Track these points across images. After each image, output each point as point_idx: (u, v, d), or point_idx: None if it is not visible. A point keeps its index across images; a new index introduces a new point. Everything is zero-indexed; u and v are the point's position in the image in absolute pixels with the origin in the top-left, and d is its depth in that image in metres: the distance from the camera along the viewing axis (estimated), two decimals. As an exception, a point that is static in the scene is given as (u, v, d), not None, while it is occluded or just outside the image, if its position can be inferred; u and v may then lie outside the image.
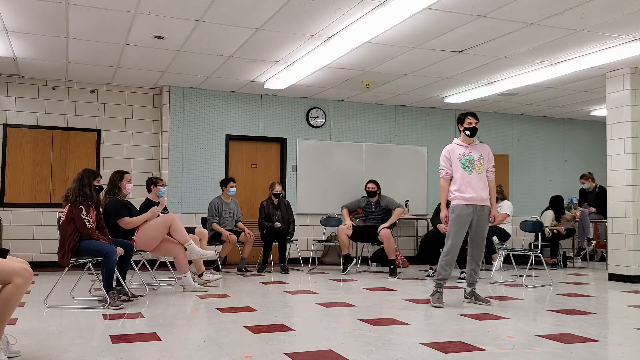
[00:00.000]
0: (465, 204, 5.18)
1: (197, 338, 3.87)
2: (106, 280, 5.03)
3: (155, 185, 6.61)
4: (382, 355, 3.39)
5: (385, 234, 7.57)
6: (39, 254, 8.12)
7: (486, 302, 5.26)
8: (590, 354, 3.49)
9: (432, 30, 5.95)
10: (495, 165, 5.47)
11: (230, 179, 7.94)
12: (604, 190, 8.47)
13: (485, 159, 5.33)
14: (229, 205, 7.89)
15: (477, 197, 5.19)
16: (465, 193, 5.18)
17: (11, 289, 3.00)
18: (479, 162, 5.27)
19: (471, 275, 5.38)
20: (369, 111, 9.83)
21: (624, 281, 7.15)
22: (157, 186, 6.60)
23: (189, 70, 7.73)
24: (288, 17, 5.63)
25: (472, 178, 5.21)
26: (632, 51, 6.47)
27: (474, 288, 5.39)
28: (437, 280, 5.29)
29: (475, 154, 5.29)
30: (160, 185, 6.62)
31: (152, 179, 6.68)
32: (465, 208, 5.18)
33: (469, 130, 5.31)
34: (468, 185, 5.19)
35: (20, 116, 8.26)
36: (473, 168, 5.24)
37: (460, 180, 5.22)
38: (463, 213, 5.17)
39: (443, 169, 5.32)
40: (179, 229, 5.91)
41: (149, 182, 6.67)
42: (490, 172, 5.36)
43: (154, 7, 5.41)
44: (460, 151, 5.30)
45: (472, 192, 5.18)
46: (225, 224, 7.78)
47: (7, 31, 6.16)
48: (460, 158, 5.27)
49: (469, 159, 5.26)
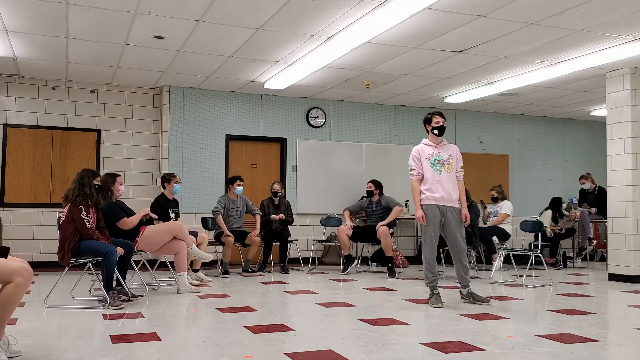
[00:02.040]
0: (435, 204, 5.20)
1: (197, 338, 3.86)
2: (106, 280, 5.03)
3: (169, 183, 6.76)
4: (382, 355, 3.39)
5: (383, 231, 7.59)
6: (39, 254, 8.12)
7: (485, 302, 5.25)
8: (590, 354, 3.49)
9: (432, 30, 5.95)
10: (498, 165, 5.47)
11: (237, 177, 7.90)
12: (603, 190, 8.48)
13: (454, 158, 5.35)
14: (236, 204, 7.86)
15: (447, 197, 5.22)
16: (435, 192, 5.20)
17: (11, 288, 3.00)
18: (448, 161, 5.30)
19: (462, 277, 5.35)
20: (369, 111, 9.83)
21: (624, 281, 7.15)
22: (171, 183, 6.76)
23: (189, 70, 7.73)
24: (288, 17, 5.63)
25: (442, 177, 5.23)
26: (632, 51, 6.47)
27: (469, 289, 5.38)
28: (428, 284, 5.31)
29: (444, 153, 5.31)
30: (174, 182, 6.76)
31: (166, 176, 6.84)
32: (436, 209, 5.20)
33: (437, 129, 5.32)
34: (438, 184, 5.21)
35: (20, 116, 8.26)
36: (443, 167, 5.26)
37: (430, 180, 5.23)
38: (435, 214, 5.20)
39: (414, 169, 5.31)
40: (184, 237, 6.01)
41: (163, 179, 6.85)
42: (459, 172, 5.39)
43: (154, 7, 5.41)
44: (429, 151, 5.31)
45: (442, 192, 5.20)
46: (232, 222, 7.78)
47: (7, 31, 6.16)
48: (429, 158, 5.28)
49: (438, 158, 5.28)
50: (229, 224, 7.72)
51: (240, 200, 7.93)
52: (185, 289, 5.94)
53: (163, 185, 6.84)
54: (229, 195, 7.88)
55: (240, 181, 7.86)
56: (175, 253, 5.98)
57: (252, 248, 7.83)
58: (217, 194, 8.42)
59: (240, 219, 7.91)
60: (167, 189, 6.77)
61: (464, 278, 5.35)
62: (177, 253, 5.96)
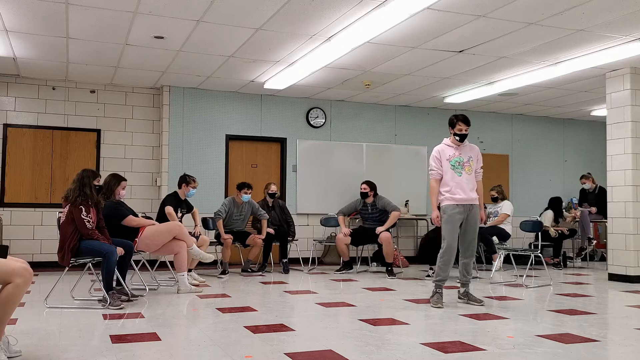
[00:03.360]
0: (455, 204, 5.20)
1: (197, 338, 3.86)
2: (106, 280, 5.03)
3: (187, 185, 6.81)
4: (382, 355, 3.39)
5: (386, 238, 7.57)
6: (39, 254, 8.12)
7: (479, 303, 5.24)
8: (590, 354, 3.49)
9: (432, 30, 5.95)
10: (498, 165, 5.47)
11: (245, 184, 7.80)
12: (603, 190, 8.48)
13: (474, 160, 5.35)
14: (241, 209, 7.85)
15: (466, 197, 5.21)
16: (455, 194, 5.20)
17: (11, 289, 3.00)
18: (468, 163, 5.29)
19: (464, 276, 5.36)
20: (369, 111, 9.82)
21: (624, 281, 7.15)
22: (189, 186, 6.81)
23: (189, 70, 7.73)
24: (288, 17, 5.63)
25: (462, 180, 5.22)
26: (632, 51, 6.47)
27: (467, 288, 5.38)
28: (435, 281, 5.29)
29: (464, 155, 5.31)
30: (192, 186, 6.82)
31: (187, 177, 6.83)
32: (456, 207, 5.19)
33: (459, 137, 5.32)
34: (458, 187, 5.20)
35: (20, 116, 8.26)
36: (463, 170, 5.25)
37: (450, 182, 5.22)
38: (454, 212, 5.18)
39: (434, 170, 5.31)
40: (184, 237, 6.02)
41: (183, 179, 6.83)
42: (478, 173, 5.38)
43: (154, 7, 5.41)
44: (450, 152, 5.30)
45: (462, 194, 5.20)
46: (233, 226, 7.80)
47: (7, 31, 6.16)
48: (450, 159, 5.27)
49: (459, 160, 5.27)
50: (229, 227, 7.74)
51: (247, 206, 7.88)
52: (185, 289, 5.94)
53: (179, 185, 6.84)
54: (235, 199, 7.86)
55: (247, 189, 7.75)
56: (175, 253, 5.98)
57: (254, 249, 7.83)
58: (217, 194, 8.44)
59: (242, 222, 7.91)
60: (182, 189, 6.81)
61: (466, 277, 5.36)
62: (177, 253, 5.96)
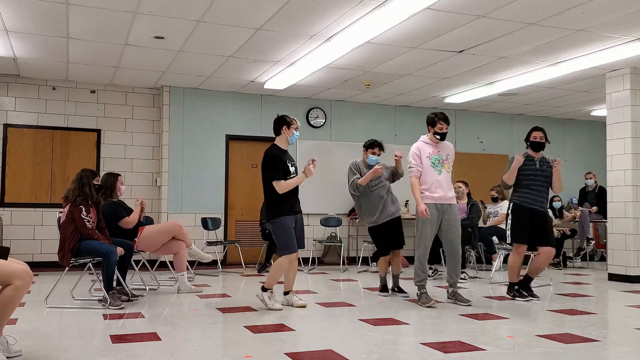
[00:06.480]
0: (434, 203, 5.19)
1: (197, 338, 3.86)
2: (106, 280, 5.03)
3: (289, 127, 5.20)
4: (382, 355, 3.39)
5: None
6: (39, 254, 8.12)
7: (466, 303, 5.22)
8: (590, 354, 3.49)
9: (432, 30, 5.95)
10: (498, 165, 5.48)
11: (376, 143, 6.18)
12: (604, 190, 8.48)
13: (451, 157, 5.37)
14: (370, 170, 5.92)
15: (444, 196, 5.22)
16: (434, 193, 5.20)
17: (11, 291, 3.00)
18: (447, 161, 5.31)
19: (451, 277, 5.35)
20: (369, 111, 9.82)
21: (624, 281, 7.15)
22: (291, 128, 5.22)
23: (189, 70, 7.72)
24: (288, 17, 5.63)
25: (441, 178, 5.23)
26: (632, 51, 6.47)
27: (455, 288, 5.36)
28: (417, 283, 5.31)
29: (443, 153, 5.32)
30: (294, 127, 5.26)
31: (286, 118, 5.25)
32: (434, 208, 5.19)
33: (440, 135, 5.31)
34: (437, 186, 5.20)
35: (21, 116, 8.26)
36: (442, 167, 5.27)
37: (430, 180, 5.21)
38: (432, 213, 5.17)
39: (414, 167, 5.27)
40: (183, 236, 6.01)
41: (282, 121, 5.22)
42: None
43: (154, 7, 5.41)
44: (430, 150, 5.29)
45: (440, 192, 5.20)
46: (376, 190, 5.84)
47: (7, 31, 6.16)
48: (430, 157, 5.27)
49: (438, 158, 5.28)
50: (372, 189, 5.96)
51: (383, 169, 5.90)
52: (185, 289, 5.94)
53: (278, 131, 5.18)
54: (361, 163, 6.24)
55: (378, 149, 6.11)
56: (174, 253, 5.98)
57: None
58: (218, 194, 8.43)
59: (383, 188, 5.94)
60: (283, 135, 5.17)
61: (454, 278, 5.34)
62: (177, 253, 5.97)
